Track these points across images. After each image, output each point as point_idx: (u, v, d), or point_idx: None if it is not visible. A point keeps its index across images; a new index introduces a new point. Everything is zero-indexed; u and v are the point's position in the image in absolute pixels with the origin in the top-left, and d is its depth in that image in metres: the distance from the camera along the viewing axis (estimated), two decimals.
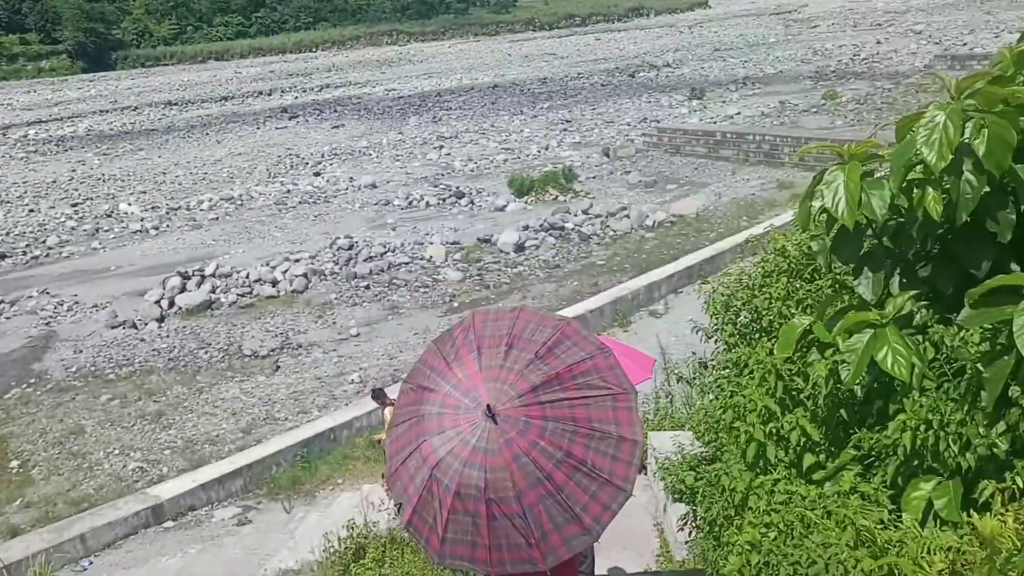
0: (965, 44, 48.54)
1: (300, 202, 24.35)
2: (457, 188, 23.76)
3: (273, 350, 13.48)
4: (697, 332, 5.47)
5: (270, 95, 57.55)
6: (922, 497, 2.95)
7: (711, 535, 3.80)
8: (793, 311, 4.55)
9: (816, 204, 3.40)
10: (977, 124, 3.01)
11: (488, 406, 2.55)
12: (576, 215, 19.55)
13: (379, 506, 7.40)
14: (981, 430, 2.85)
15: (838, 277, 4.45)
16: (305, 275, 16.40)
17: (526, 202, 21.97)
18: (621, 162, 26.31)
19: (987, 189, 3.01)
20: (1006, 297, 2.79)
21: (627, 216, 18.99)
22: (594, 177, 24.54)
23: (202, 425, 11.13)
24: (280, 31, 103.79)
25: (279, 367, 12.84)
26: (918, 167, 3.17)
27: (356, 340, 13.77)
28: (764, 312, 4.86)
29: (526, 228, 18.62)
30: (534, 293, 15.26)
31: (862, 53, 50.68)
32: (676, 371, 6.13)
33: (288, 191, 25.99)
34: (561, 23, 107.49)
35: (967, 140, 3.00)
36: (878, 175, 3.50)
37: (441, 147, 31.77)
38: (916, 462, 3.07)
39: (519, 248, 17.56)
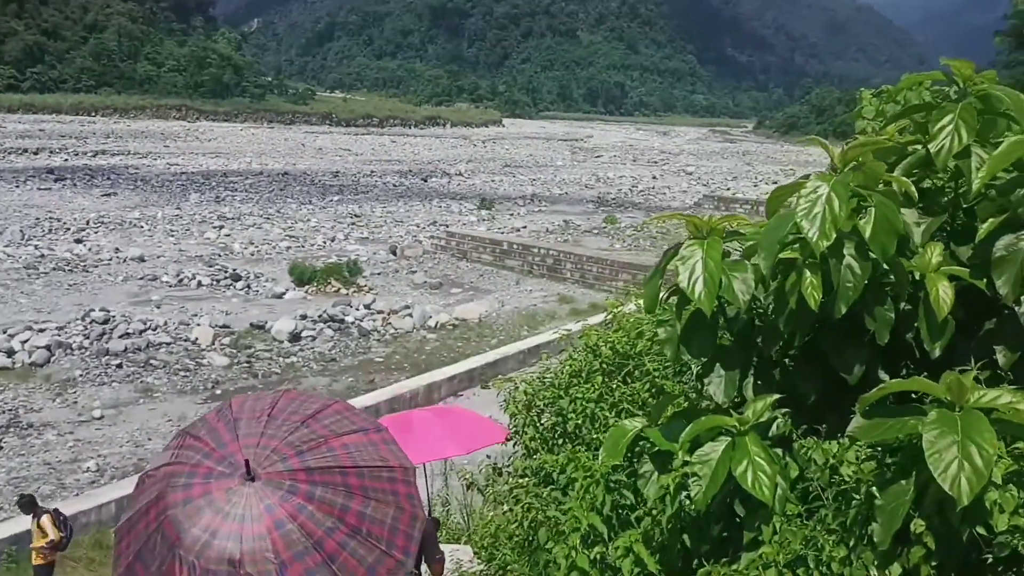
0: (728, 189, 53.26)
1: (54, 268, 22.23)
2: (234, 270, 22.59)
3: None
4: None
5: (36, 154, 53.52)
6: None
7: None
8: (607, 414, 4.28)
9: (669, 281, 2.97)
10: (861, 203, 2.67)
11: (247, 467, 2.20)
12: (358, 309, 18.99)
13: None
14: (873, 572, 2.38)
15: (656, 380, 4.25)
16: (48, 347, 14.72)
17: (306, 292, 21.17)
18: (408, 261, 26.15)
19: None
20: (902, 408, 2.44)
21: (410, 315, 18.66)
22: (379, 273, 24.17)
23: None
24: (57, 90, 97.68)
25: (1, 448, 11.20)
26: (788, 248, 2.79)
27: (98, 423, 12.35)
28: (570, 415, 4.58)
29: (304, 317, 17.83)
30: (306, 386, 14.43)
31: (639, 185, 54.40)
32: (465, 476, 5.61)
33: (42, 256, 23.72)
34: (358, 121, 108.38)
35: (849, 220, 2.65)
36: (733, 257, 3.09)
37: (221, 227, 30.38)
38: None
39: (294, 337, 16.72)
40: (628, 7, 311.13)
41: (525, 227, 33.65)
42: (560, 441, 4.65)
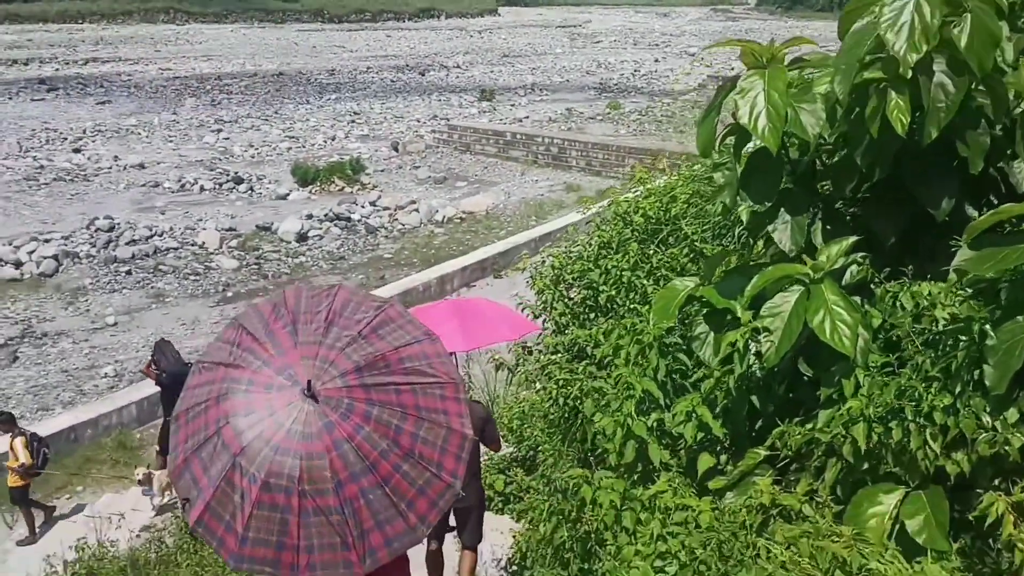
0: (732, 68, 51.93)
1: (55, 179, 21.99)
2: (236, 174, 22.31)
3: (11, 339, 11.82)
4: (522, 309, 5.04)
5: (27, 64, 52.31)
6: (881, 515, 2.22)
7: (559, 561, 3.03)
8: (644, 282, 4.13)
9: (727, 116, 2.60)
10: (952, 12, 2.29)
11: (308, 384, 2.20)
12: (363, 207, 18.80)
13: (118, 522, 6.35)
14: (986, 419, 2.12)
15: (695, 244, 4.11)
16: (56, 257, 14.64)
17: (310, 192, 20.94)
18: (410, 157, 25.79)
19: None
20: (1010, 237, 2.13)
21: (416, 210, 18.48)
22: (382, 171, 23.86)
23: None
24: None
25: (17, 358, 11.25)
26: (867, 69, 2.41)
27: (112, 330, 12.37)
28: (602, 287, 4.45)
29: (309, 217, 17.67)
30: (316, 285, 14.38)
31: (641, 70, 53.18)
32: (495, 357, 5.44)
33: (41, 167, 23.44)
34: (351, 17, 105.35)
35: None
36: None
37: (220, 131, 29.93)
38: (866, 466, 2.33)
39: (301, 237, 16.60)
40: None
41: (527, 117, 33.05)
42: (592, 315, 4.55)
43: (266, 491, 2.15)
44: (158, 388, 8.26)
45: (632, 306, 4.08)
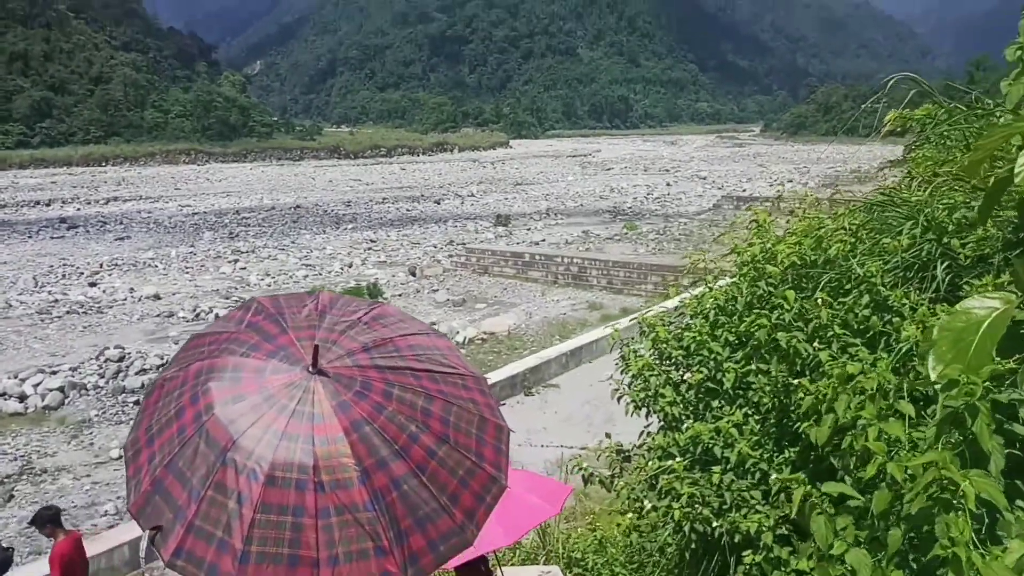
0: (744, 190, 52.39)
1: (68, 312, 21.63)
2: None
3: (8, 477, 11.07)
4: (617, 398, 4.36)
5: (49, 205, 53.37)
6: None
7: None
8: (806, 346, 3.34)
9: None
10: None
11: (314, 358, 1.79)
12: None
13: None
14: None
15: (878, 290, 3.33)
16: (62, 389, 14.02)
17: None
18: (428, 281, 25.45)
19: None
20: None
21: None
22: (400, 295, 23.46)
23: None
24: (67, 143, 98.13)
25: (13, 496, 10.48)
26: None
27: (116, 464, 11.61)
28: (728, 366, 3.75)
29: None
30: None
31: (654, 193, 53.68)
32: (584, 467, 4.59)
33: (55, 300, 23.15)
34: (366, 153, 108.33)
35: None
36: None
37: (236, 261, 29.82)
38: None
39: None
40: (626, 21, 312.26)
41: (544, 240, 32.93)
42: (714, 403, 3.86)
43: (272, 487, 1.68)
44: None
45: (782, 382, 3.34)
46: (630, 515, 3.99)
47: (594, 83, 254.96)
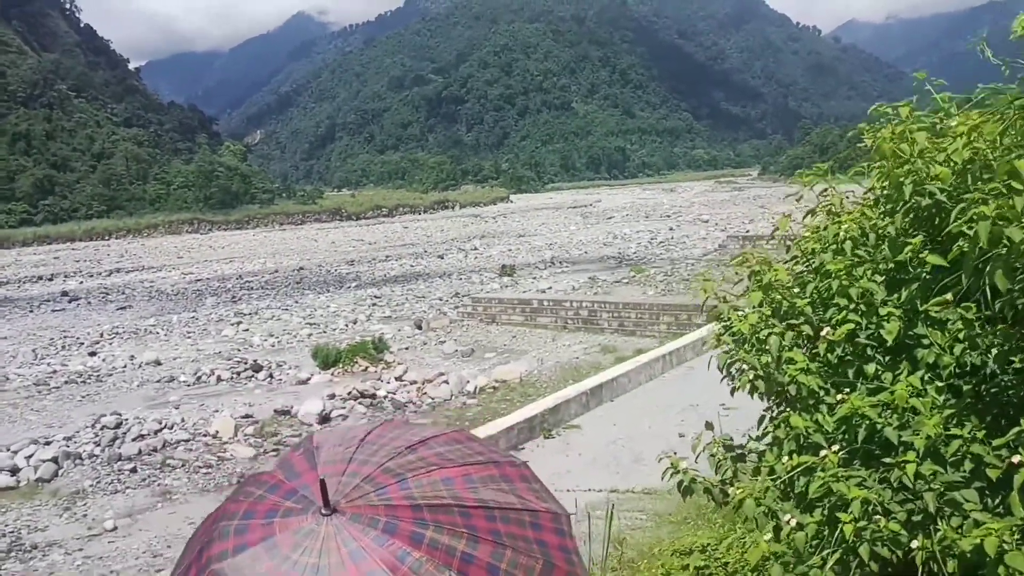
0: (747, 231, 52.01)
1: (66, 382, 21.00)
2: (254, 361, 21.29)
3: None
4: (724, 382, 3.71)
5: (51, 280, 53.06)
6: None
7: None
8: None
9: None
10: None
11: (324, 499, 1.49)
12: (389, 383, 17.59)
13: None
14: None
15: None
16: (55, 459, 13.32)
17: (332, 374, 19.80)
18: (435, 333, 24.83)
19: None
20: None
21: (446, 382, 17.23)
22: (407, 348, 22.83)
23: None
24: (70, 219, 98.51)
25: None
26: None
27: (111, 536, 10.88)
28: (880, 317, 2.88)
29: (332, 397, 16.44)
30: None
31: (658, 237, 53.35)
32: (681, 470, 3.60)
33: (54, 371, 22.54)
34: (368, 214, 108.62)
35: None
36: None
37: (239, 323, 29.27)
38: None
39: (324, 419, 15.29)
40: (619, 74, 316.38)
41: (550, 287, 32.36)
42: (871, 368, 3.02)
43: None
44: None
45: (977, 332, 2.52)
46: (765, 539, 2.86)
47: (590, 135, 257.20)
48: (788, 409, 3.21)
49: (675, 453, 3.68)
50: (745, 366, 3.25)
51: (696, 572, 3.65)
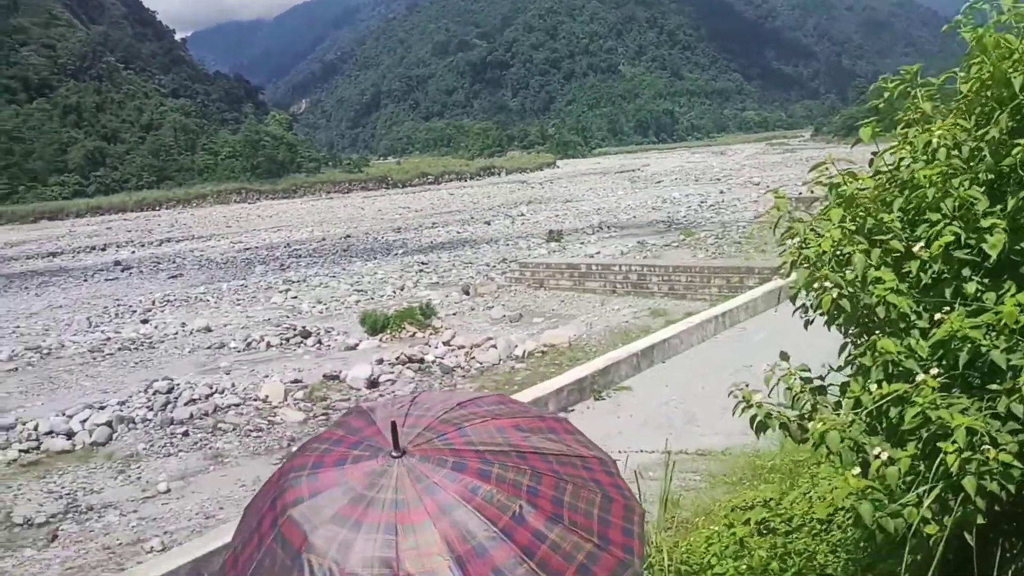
0: (800, 193, 50.83)
1: (119, 349, 21.30)
2: (303, 327, 21.37)
3: (54, 516, 10.48)
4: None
5: (104, 250, 54.00)
6: None
7: None
8: None
9: None
10: None
11: (394, 441, 1.59)
12: (437, 347, 17.51)
13: None
14: None
15: None
16: (110, 423, 13.48)
17: (380, 340, 19.78)
18: (483, 299, 24.69)
19: None
20: None
21: (494, 347, 17.10)
22: (454, 314, 22.75)
23: None
24: (121, 190, 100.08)
25: (56, 537, 9.87)
26: None
27: (164, 497, 10.97)
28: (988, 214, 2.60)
29: (380, 362, 16.41)
30: None
31: (708, 201, 52.48)
32: (755, 404, 3.18)
33: (108, 338, 22.87)
34: (414, 181, 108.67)
35: None
36: None
37: (287, 290, 29.44)
38: None
39: (372, 384, 15.27)
40: (666, 35, 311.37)
41: (598, 252, 31.99)
42: (971, 287, 2.73)
43: None
44: (186, 559, 6.70)
45: None
46: (854, 472, 2.52)
47: (638, 99, 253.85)
48: (874, 335, 2.90)
49: (743, 390, 3.35)
50: (828, 283, 2.88)
51: (757, 526, 3.43)
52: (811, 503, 3.82)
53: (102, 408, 14.39)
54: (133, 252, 50.95)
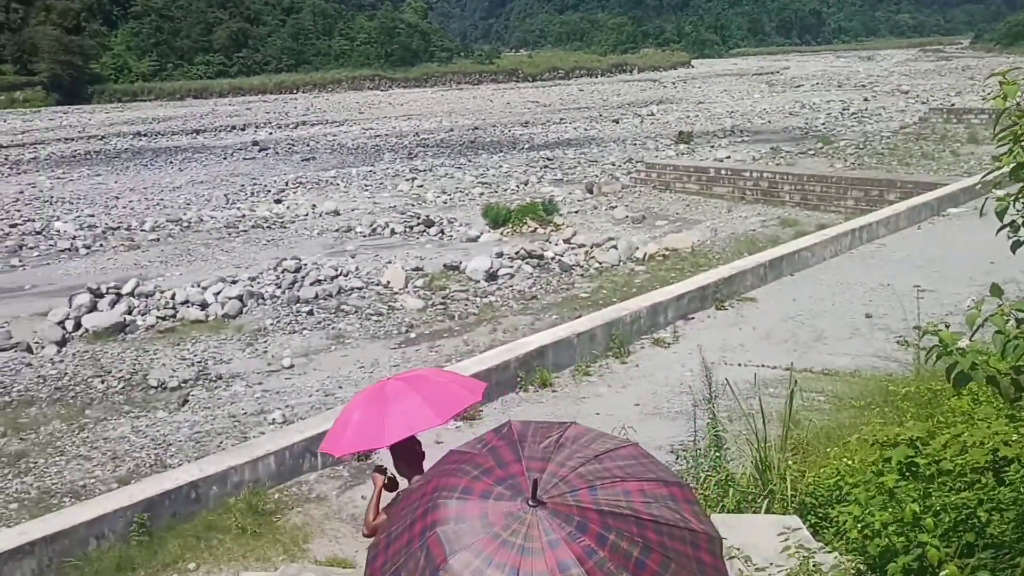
0: (953, 103, 47.64)
1: (253, 226, 22.13)
2: (427, 216, 21.64)
3: (185, 381, 11.10)
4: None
5: (243, 130, 55.65)
6: None
7: None
8: None
9: None
10: None
11: (533, 491, 1.86)
12: (557, 244, 17.44)
13: None
14: None
15: None
16: (240, 297, 14.07)
17: (502, 233, 19.85)
18: (606, 198, 24.35)
19: None
20: None
21: (615, 247, 16.89)
22: (576, 212, 22.56)
23: (69, 471, 8.64)
24: (261, 72, 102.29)
25: (187, 402, 10.46)
26: None
27: (288, 372, 11.44)
28: None
29: (500, 256, 16.47)
30: (506, 326, 13.02)
31: (851, 108, 49.74)
32: (964, 352, 2.66)
33: (243, 216, 23.78)
34: (544, 75, 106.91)
35: None
36: None
37: (414, 179, 29.79)
38: None
39: (491, 276, 15.36)
40: None
41: (728, 157, 30.93)
42: None
43: None
44: (302, 436, 6.96)
45: None
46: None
47: None
48: None
49: (940, 331, 2.70)
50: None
51: (900, 467, 3.20)
52: (963, 447, 3.47)
53: (235, 282, 15.01)
54: (270, 133, 52.32)
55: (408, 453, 3.91)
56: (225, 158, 40.46)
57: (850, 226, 15.48)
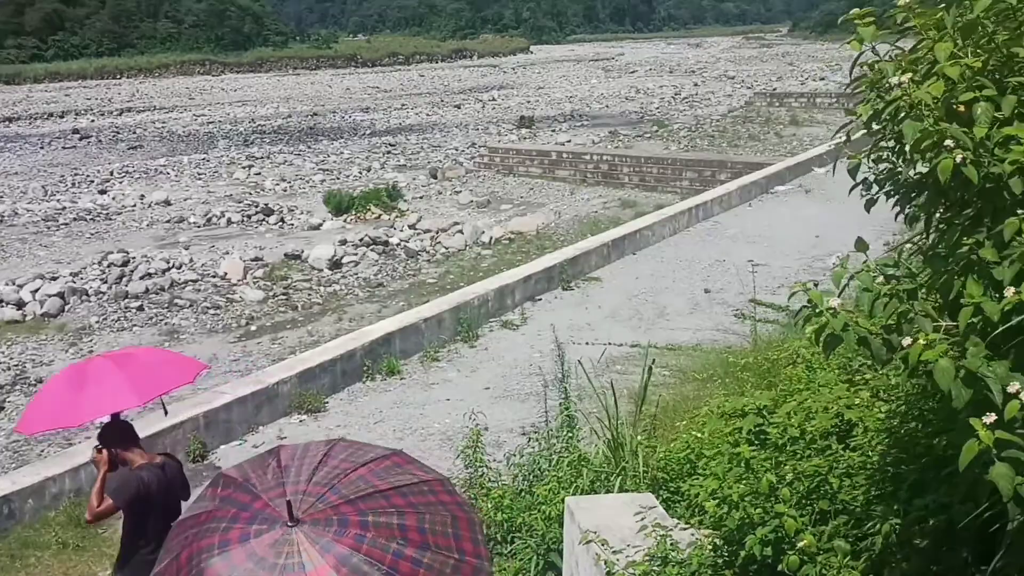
0: (775, 88, 50.33)
1: (75, 219, 20.70)
2: (265, 205, 20.86)
3: (1, 387, 10.21)
4: (860, 193, 2.73)
5: (62, 117, 52.11)
6: None
7: None
8: None
9: None
10: None
11: (289, 512, 1.93)
12: (402, 230, 17.17)
13: None
14: None
15: None
16: (61, 295, 13.10)
17: (345, 221, 19.39)
18: (450, 183, 24.22)
19: None
20: None
21: (460, 232, 16.80)
22: (421, 197, 22.32)
23: None
24: (80, 56, 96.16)
25: (3, 408, 9.63)
26: None
27: None
28: None
29: (343, 243, 16.06)
30: (352, 314, 12.69)
31: (682, 93, 51.61)
32: (834, 313, 2.38)
33: (63, 208, 22.19)
34: (384, 60, 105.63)
35: None
36: None
37: (251, 167, 28.67)
38: None
39: (335, 265, 14.96)
40: None
41: (569, 141, 31.42)
42: None
43: None
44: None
45: None
46: (985, 421, 1.87)
47: None
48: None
49: (811, 290, 2.49)
50: (949, 142, 2.13)
51: (751, 435, 3.21)
52: (808, 414, 3.51)
53: (54, 279, 13.97)
54: (92, 120, 49.28)
55: (116, 431, 3.95)
56: (42, 147, 37.78)
57: (686, 205, 16.00)
